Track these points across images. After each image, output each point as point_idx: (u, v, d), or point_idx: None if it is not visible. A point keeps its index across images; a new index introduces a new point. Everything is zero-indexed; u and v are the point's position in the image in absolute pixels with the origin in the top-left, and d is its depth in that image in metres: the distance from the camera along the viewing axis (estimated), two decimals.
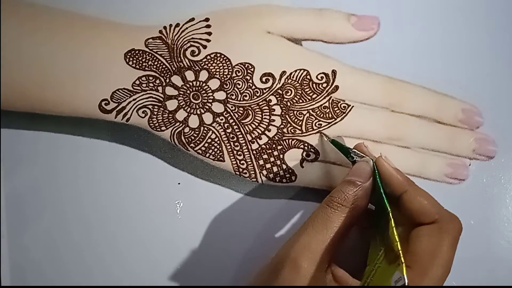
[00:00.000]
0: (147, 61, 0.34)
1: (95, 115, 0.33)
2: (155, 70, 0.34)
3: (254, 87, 0.34)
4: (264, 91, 0.34)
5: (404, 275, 0.24)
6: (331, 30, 0.35)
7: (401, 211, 0.29)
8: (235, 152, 0.34)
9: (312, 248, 0.27)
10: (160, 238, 0.34)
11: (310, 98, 0.34)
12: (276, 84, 0.34)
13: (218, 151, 0.34)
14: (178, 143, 0.34)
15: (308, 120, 0.34)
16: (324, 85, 0.34)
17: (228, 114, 0.34)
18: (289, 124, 0.34)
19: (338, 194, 0.28)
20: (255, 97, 0.34)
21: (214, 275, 0.34)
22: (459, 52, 0.36)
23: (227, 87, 0.34)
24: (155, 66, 0.34)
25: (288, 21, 0.34)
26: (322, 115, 0.34)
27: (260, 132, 0.34)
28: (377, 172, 0.29)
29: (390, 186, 0.29)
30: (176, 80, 0.34)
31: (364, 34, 0.35)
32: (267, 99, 0.34)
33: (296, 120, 0.34)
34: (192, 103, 0.34)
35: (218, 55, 0.34)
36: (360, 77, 0.35)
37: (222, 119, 0.34)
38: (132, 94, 0.33)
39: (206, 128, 0.34)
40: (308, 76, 0.34)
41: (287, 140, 0.34)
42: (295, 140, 0.34)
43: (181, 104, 0.34)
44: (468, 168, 0.35)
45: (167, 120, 0.34)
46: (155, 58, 0.34)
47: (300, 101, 0.34)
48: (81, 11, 0.34)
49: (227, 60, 0.34)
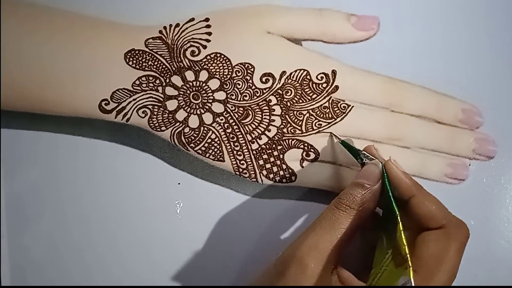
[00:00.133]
0: (147, 61, 0.34)
1: (95, 115, 0.33)
2: (155, 70, 0.34)
3: (254, 87, 0.34)
4: (264, 91, 0.34)
5: (411, 279, 0.24)
6: (331, 30, 0.35)
7: (408, 215, 0.28)
8: (235, 152, 0.34)
9: (319, 248, 0.27)
10: (160, 238, 0.34)
11: (310, 98, 0.34)
12: (276, 84, 0.34)
13: (218, 151, 0.34)
14: (178, 143, 0.34)
15: (308, 120, 0.34)
16: (324, 85, 0.34)
17: (228, 114, 0.34)
18: (289, 124, 0.34)
19: (347, 196, 0.28)
20: (255, 97, 0.34)
21: (214, 275, 0.34)
22: (459, 52, 0.36)
23: (227, 87, 0.34)
24: (155, 66, 0.34)
25: (288, 21, 0.34)
26: (322, 115, 0.34)
27: (260, 132, 0.34)
28: (386, 175, 0.29)
29: (399, 189, 0.29)
30: (176, 80, 0.34)
31: (364, 34, 0.35)
32: (267, 99, 0.34)
33: (296, 120, 0.34)
34: (192, 103, 0.34)
35: (218, 55, 0.34)
36: (360, 77, 0.35)
37: (222, 119, 0.34)
38: (132, 94, 0.33)
39: (206, 128, 0.34)
40: (308, 76, 0.34)
41: (287, 140, 0.34)
42: (295, 140, 0.34)
43: (181, 104, 0.34)
44: (468, 168, 0.35)
45: (167, 120, 0.34)
46: (155, 58, 0.34)
47: (300, 101, 0.34)
48: (81, 11, 0.34)
49: (227, 60, 0.34)
